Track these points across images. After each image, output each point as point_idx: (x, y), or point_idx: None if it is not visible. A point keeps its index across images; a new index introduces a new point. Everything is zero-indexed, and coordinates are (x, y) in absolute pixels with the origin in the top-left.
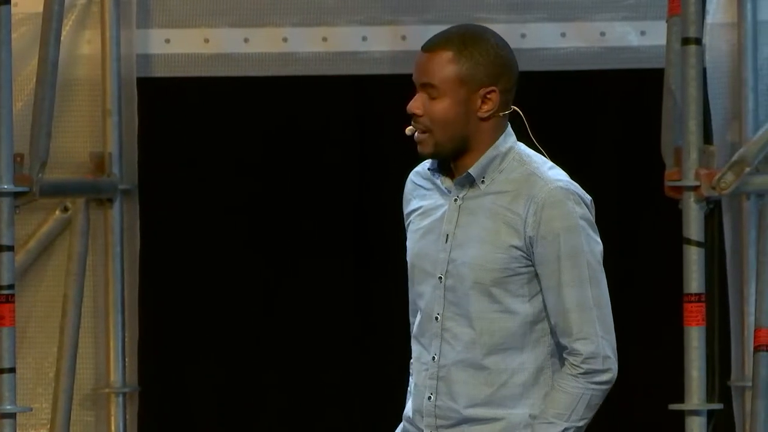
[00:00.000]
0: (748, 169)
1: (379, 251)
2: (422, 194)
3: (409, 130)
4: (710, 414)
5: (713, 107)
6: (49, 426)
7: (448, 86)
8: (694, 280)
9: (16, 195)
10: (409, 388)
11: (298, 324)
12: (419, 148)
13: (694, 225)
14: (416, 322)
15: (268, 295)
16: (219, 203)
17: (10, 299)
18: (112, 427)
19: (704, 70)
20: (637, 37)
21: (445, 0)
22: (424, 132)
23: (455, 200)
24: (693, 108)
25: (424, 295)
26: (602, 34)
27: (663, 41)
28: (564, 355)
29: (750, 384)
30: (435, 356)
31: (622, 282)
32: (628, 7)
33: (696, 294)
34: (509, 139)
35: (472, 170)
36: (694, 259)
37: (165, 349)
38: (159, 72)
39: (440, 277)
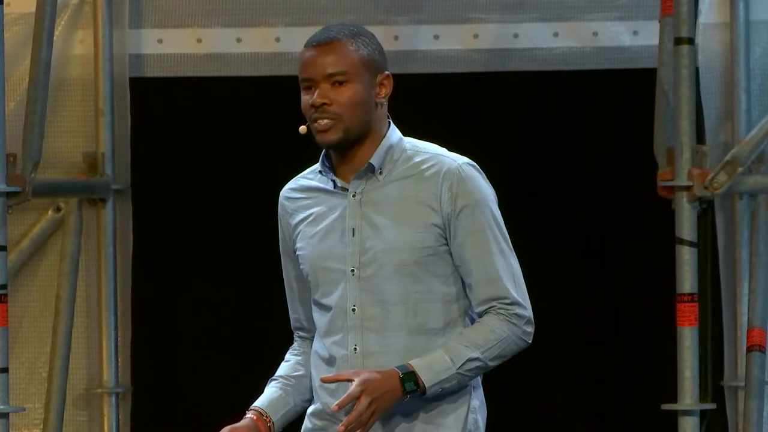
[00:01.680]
0: (740, 169)
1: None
2: (304, 205)
3: (302, 129)
4: (703, 414)
5: (706, 107)
6: (42, 426)
7: (355, 70)
8: (687, 280)
9: (8, 195)
10: (270, 394)
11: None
12: (323, 137)
13: (686, 225)
14: (325, 322)
15: (262, 296)
16: (212, 203)
17: (2, 299)
18: (105, 427)
19: (697, 70)
20: (629, 37)
21: (437, 0)
22: (332, 119)
23: (354, 196)
24: (685, 108)
25: (332, 294)
26: (595, 34)
27: (655, 41)
28: (490, 309)
29: (743, 384)
30: (356, 347)
31: (615, 281)
32: (620, 7)
33: (689, 294)
34: (396, 130)
35: (372, 160)
36: (686, 259)
37: (158, 350)
38: (151, 72)
39: (353, 270)
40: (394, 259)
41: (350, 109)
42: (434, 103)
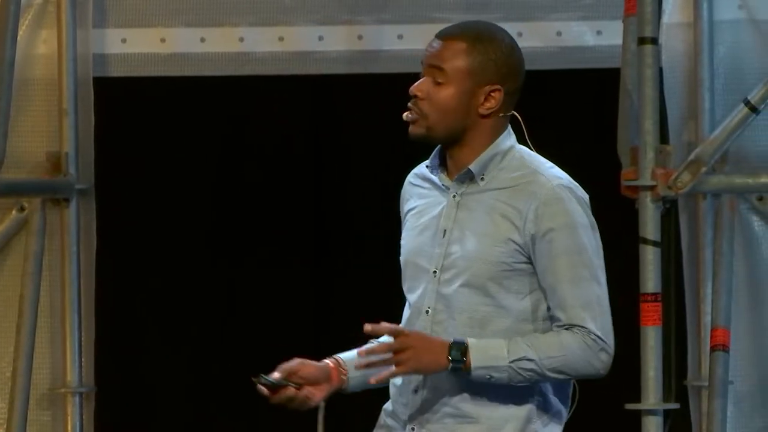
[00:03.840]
0: (704, 169)
1: (338, 251)
2: (419, 193)
3: (406, 115)
4: (666, 414)
5: (669, 107)
6: (5, 426)
7: (455, 75)
8: (651, 280)
9: None
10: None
11: (257, 323)
12: (411, 129)
13: (650, 224)
14: (405, 317)
15: (226, 295)
16: (176, 203)
17: None
18: (69, 427)
19: (660, 70)
20: (593, 37)
21: (401, 0)
22: (419, 114)
23: (453, 197)
24: (649, 108)
25: (415, 291)
26: (558, 33)
27: (619, 41)
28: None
29: (706, 383)
30: None
31: None
32: (584, 7)
33: (652, 293)
34: (510, 138)
35: (472, 166)
36: (650, 259)
37: (121, 349)
38: (115, 71)
39: (435, 272)
40: (469, 269)
41: (438, 112)
42: (397, 103)
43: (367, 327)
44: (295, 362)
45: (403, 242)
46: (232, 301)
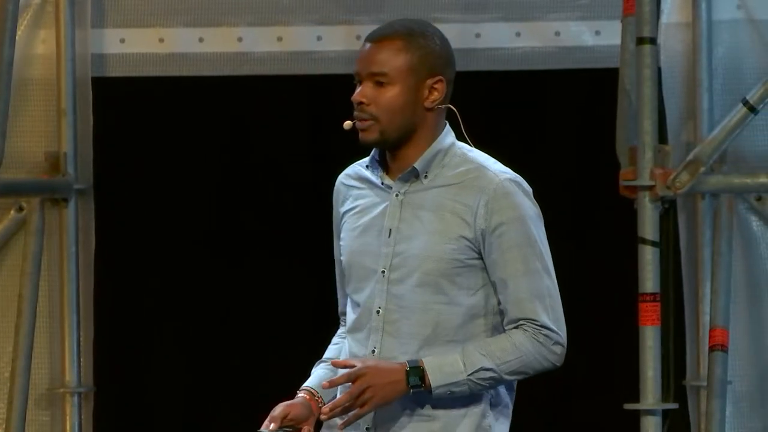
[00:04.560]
0: (702, 169)
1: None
2: (355, 194)
3: (347, 124)
4: (665, 413)
5: (668, 107)
6: (4, 426)
7: (398, 74)
8: (649, 280)
9: None
10: (319, 375)
11: (256, 322)
12: (362, 136)
13: (649, 224)
14: (353, 318)
15: (224, 295)
16: (174, 202)
17: None
18: (68, 427)
19: (659, 70)
20: (591, 37)
21: (399, 0)
22: (369, 120)
23: (396, 195)
24: (648, 107)
25: (362, 290)
26: (557, 33)
27: (618, 41)
28: (518, 327)
29: (705, 383)
30: (375, 349)
31: (577, 281)
32: (582, 7)
33: (651, 294)
34: (450, 135)
35: (417, 164)
36: (648, 259)
37: (120, 349)
38: (114, 71)
39: (383, 271)
40: (421, 267)
41: (388, 113)
42: None
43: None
44: (281, 408)
45: (342, 243)
46: (231, 300)
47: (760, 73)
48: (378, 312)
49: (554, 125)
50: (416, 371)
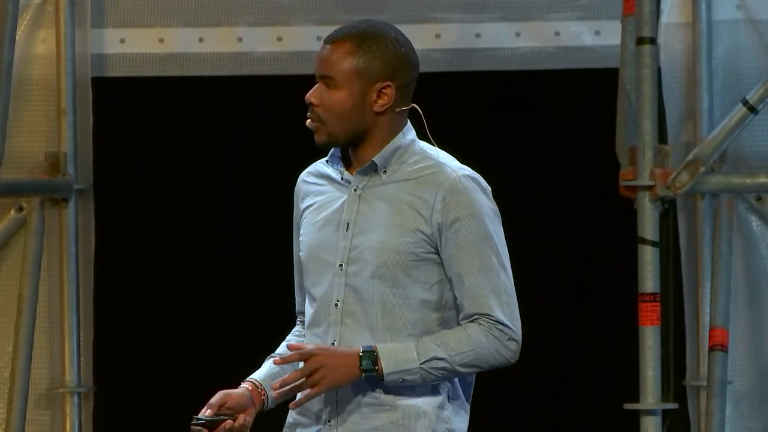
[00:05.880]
0: (702, 169)
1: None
2: (315, 191)
3: (308, 122)
4: (665, 413)
5: (668, 107)
6: (4, 426)
7: (344, 78)
8: (649, 280)
9: None
10: (268, 369)
11: (256, 322)
12: (315, 137)
13: (648, 224)
14: (311, 313)
15: (224, 295)
16: (174, 202)
17: None
18: (67, 427)
19: (659, 70)
20: (591, 37)
21: (399, 0)
22: (317, 122)
23: (354, 190)
24: (647, 108)
25: (319, 284)
26: (557, 33)
27: (618, 41)
28: (473, 321)
29: (705, 383)
30: (335, 342)
31: (576, 281)
32: (582, 7)
33: (651, 293)
34: (410, 133)
35: (376, 159)
36: (648, 259)
37: (120, 349)
38: (114, 72)
39: (341, 265)
40: (377, 260)
41: (333, 116)
42: None
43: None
44: (219, 395)
45: (302, 239)
46: (231, 300)
47: (760, 73)
48: (336, 305)
49: (554, 125)
50: (370, 355)
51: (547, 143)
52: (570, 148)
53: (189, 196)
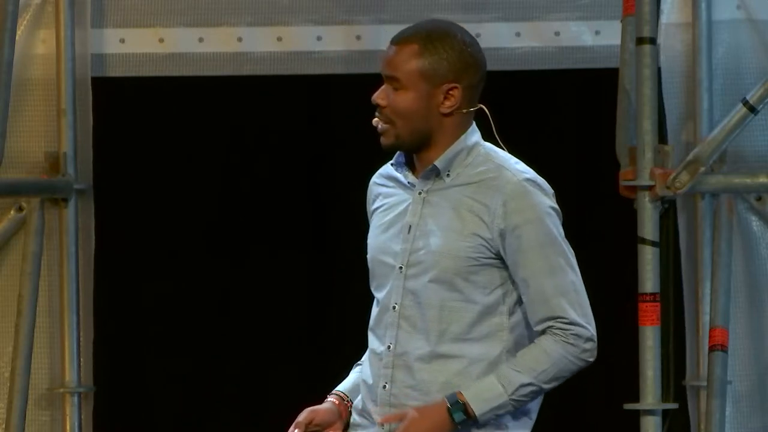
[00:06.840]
0: (702, 169)
1: (334, 248)
2: (384, 193)
3: (375, 121)
4: (665, 413)
5: (668, 107)
6: (4, 426)
7: (410, 79)
8: (649, 280)
9: None
10: (354, 379)
11: (256, 322)
12: (381, 140)
13: (648, 224)
14: (374, 315)
15: (225, 294)
16: (174, 202)
17: None
18: (67, 427)
19: (659, 70)
20: (591, 37)
21: (399, 0)
22: (386, 123)
23: (419, 193)
24: (647, 108)
25: (383, 287)
26: (557, 33)
27: (617, 41)
28: (547, 329)
29: (705, 383)
30: (390, 345)
31: None
32: (582, 7)
33: (651, 293)
34: (474, 135)
35: (437, 162)
36: (648, 259)
37: (120, 349)
38: (114, 72)
39: (401, 268)
40: (437, 264)
41: (401, 117)
42: None
43: (379, 420)
44: (306, 413)
45: (369, 241)
46: (231, 300)
47: (760, 73)
48: (394, 308)
49: (554, 125)
50: (458, 407)
51: (547, 143)
52: (570, 148)
53: (189, 196)
